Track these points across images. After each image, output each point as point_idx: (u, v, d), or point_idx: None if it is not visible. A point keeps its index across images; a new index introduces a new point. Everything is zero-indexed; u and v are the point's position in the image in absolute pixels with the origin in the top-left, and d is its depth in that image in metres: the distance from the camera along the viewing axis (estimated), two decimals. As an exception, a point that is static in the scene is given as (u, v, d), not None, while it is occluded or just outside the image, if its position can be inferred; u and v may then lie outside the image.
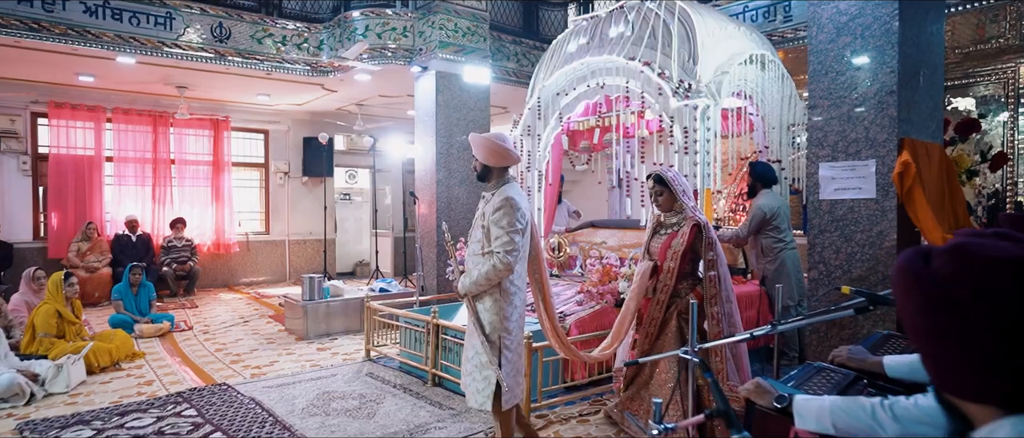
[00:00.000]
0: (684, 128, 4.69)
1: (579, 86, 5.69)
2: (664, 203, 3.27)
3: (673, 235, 3.20)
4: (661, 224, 3.35)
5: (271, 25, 7.26)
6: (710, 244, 3.11)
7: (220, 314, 7.36)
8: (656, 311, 3.26)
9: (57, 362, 4.45)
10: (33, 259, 8.17)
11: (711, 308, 3.10)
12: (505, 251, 2.79)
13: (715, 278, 3.09)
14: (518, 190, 2.98)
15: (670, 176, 3.22)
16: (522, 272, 2.96)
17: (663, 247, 3.20)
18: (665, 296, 3.21)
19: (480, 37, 7.43)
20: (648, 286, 3.27)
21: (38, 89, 8.19)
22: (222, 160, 9.64)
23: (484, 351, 2.88)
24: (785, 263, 4.92)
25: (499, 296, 2.89)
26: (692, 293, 3.15)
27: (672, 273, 3.15)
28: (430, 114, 7.16)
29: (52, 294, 5.05)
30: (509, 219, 2.81)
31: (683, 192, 3.21)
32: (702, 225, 3.10)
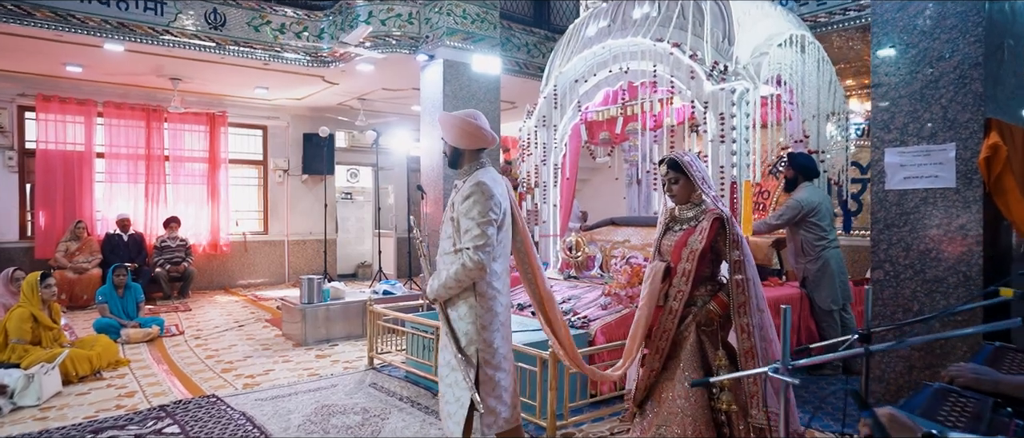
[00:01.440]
0: (720, 114, 4.26)
1: (600, 72, 5.26)
2: (679, 193, 2.72)
3: (689, 231, 2.65)
4: (675, 218, 2.78)
5: (269, 12, 6.85)
6: (736, 241, 2.55)
7: (214, 318, 6.94)
8: (669, 322, 2.66)
9: (28, 372, 4.03)
10: (19, 259, 7.76)
11: (739, 319, 2.52)
12: (475, 246, 2.40)
13: (743, 283, 2.52)
14: (494, 175, 2.58)
15: (686, 160, 2.69)
16: (502, 272, 2.58)
17: (677, 245, 2.65)
18: (679, 304, 2.61)
19: (490, 24, 7.01)
20: (659, 292, 2.72)
21: (25, 81, 7.80)
22: (218, 157, 9.23)
23: (459, 366, 2.47)
24: (828, 263, 4.49)
25: (475, 301, 2.50)
26: (713, 300, 2.61)
27: (688, 277, 2.59)
28: (437, 106, 6.74)
29: (27, 296, 4.63)
30: (481, 208, 2.42)
31: (702, 180, 2.67)
32: (725, 219, 2.56)
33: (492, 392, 2.50)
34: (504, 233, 2.56)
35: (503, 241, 2.56)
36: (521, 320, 4.39)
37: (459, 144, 2.62)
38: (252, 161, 9.97)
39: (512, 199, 2.71)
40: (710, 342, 2.61)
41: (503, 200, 2.54)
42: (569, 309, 4.41)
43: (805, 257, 4.50)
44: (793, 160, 4.57)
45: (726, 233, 2.56)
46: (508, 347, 2.62)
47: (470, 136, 2.58)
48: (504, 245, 2.58)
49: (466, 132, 2.58)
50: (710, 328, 2.60)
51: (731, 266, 2.57)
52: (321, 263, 9.98)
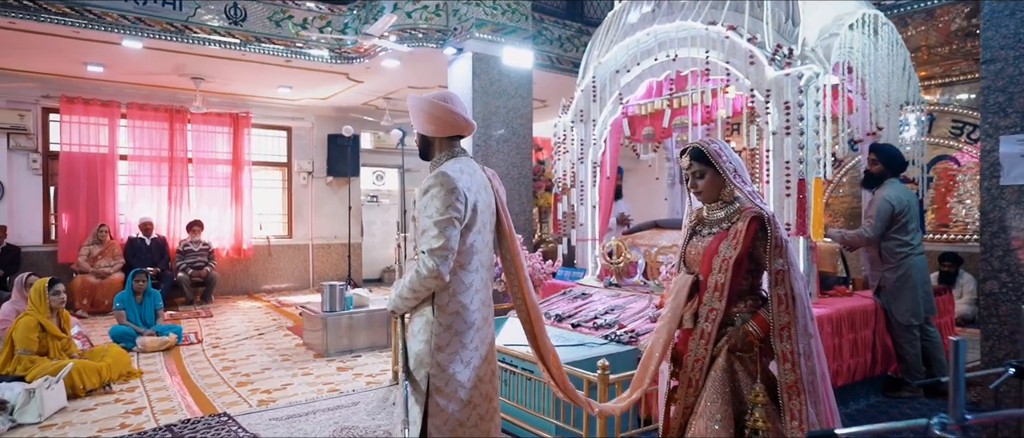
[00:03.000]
0: (784, 104, 3.78)
1: (644, 61, 4.82)
2: (706, 189, 2.23)
3: (721, 235, 2.17)
4: (703, 220, 2.30)
5: (291, 6, 6.56)
6: (779, 247, 2.06)
7: (234, 325, 6.67)
8: (701, 348, 2.16)
9: (30, 386, 3.75)
10: (43, 264, 7.63)
11: (780, 345, 2.05)
12: (429, 250, 1.99)
13: (786, 299, 2.05)
14: (465, 165, 2.15)
15: (714, 148, 2.19)
16: (474, 283, 2.14)
17: (707, 253, 2.19)
18: (713, 326, 2.13)
19: (521, 15, 6.62)
20: (686, 311, 2.24)
21: (49, 82, 7.67)
22: (242, 159, 9.01)
23: (409, 393, 2.09)
24: (910, 272, 3.96)
25: (433, 317, 2.08)
26: (753, 319, 2.12)
27: (722, 291, 2.11)
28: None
29: (34, 304, 4.37)
30: (439, 203, 2.01)
31: (734, 172, 2.16)
32: (766, 218, 2.08)
33: (442, 427, 2.06)
34: (476, 235, 2.13)
35: (474, 244, 2.12)
36: (560, 333, 3.96)
37: (427, 131, 2.21)
38: (276, 163, 9.74)
39: (499, 195, 2.27)
40: (745, 371, 2.13)
41: (473, 194, 2.10)
42: (613, 321, 3.97)
43: (884, 265, 3.99)
44: (880, 152, 4.05)
45: (768, 237, 2.07)
46: (471, 373, 2.13)
47: (439, 121, 2.17)
48: (477, 250, 2.14)
49: (434, 116, 2.17)
50: (747, 353, 2.12)
51: (771, 278, 2.07)
52: (346, 268, 9.70)
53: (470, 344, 2.13)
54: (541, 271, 5.10)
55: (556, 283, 5.16)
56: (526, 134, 6.72)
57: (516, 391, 3.43)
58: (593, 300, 4.51)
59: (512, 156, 6.56)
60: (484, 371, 2.20)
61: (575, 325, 4.03)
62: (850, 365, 3.79)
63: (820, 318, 3.62)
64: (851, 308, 3.87)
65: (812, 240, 3.81)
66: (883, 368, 4.08)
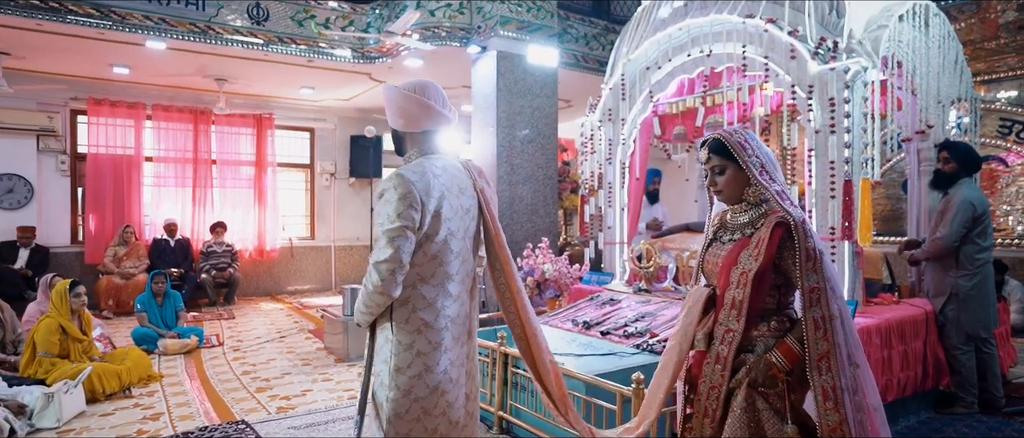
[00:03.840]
0: (829, 100, 3.56)
1: (676, 57, 4.63)
2: (727, 188, 1.90)
3: (742, 243, 1.84)
4: (725, 225, 1.96)
5: (313, 5, 6.50)
6: (812, 259, 1.71)
7: (256, 327, 6.61)
8: (717, 375, 1.84)
9: (49, 390, 3.69)
10: (70, 264, 7.69)
11: (819, 378, 1.70)
12: (375, 262, 1.81)
13: (824, 322, 1.70)
14: (437, 163, 1.95)
15: (737, 140, 1.86)
16: (439, 298, 1.91)
17: (725, 263, 1.85)
18: (729, 350, 1.80)
19: (547, 12, 6.45)
20: (698, 330, 1.92)
21: (76, 84, 7.73)
22: (265, 160, 9.00)
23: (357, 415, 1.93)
24: (986, 279, 3.70)
25: (392, 335, 1.89)
26: (777, 348, 1.78)
27: (739, 309, 1.77)
28: (490, 101, 6.23)
29: (55, 306, 4.34)
30: (390, 210, 1.82)
31: (760, 168, 1.83)
32: (793, 224, 1.74)
33: None
34: (441, 244, 1.90)
35: (439, 255, 1.90)
36: (589, 341, 3.79)
37: (398, 125, 2.02)
38: (299, 165, 9.72)
39: (485, 196, 2.05)
40: (771, 410, 1.78)
41: (436, 198, 1.86)
42: (644, 329, 3.78)
43: (960, 271, 3.71)
44: (955, 150, 3.79)
45: (797, 246, 1.72)
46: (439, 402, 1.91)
47: (408, 114, 1.97)
48: (444, 261, 1.91)
49: (403, 109, 1.97)
50: (772, 389, 1.78)
51: (804, 297, 1.73)
52: (368, 270, 9.63)
53: (437, 366, 1.90)
54: (567, 276, 4.93)
55: (583, 288, 4.98)
56: (551, 134, 6.56)
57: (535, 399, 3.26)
58: (622, 306, 4.33)
59: (537, 157, 6.40)
60: (455, 396, 1.97)
61: (604, 333, 3.85)
62: (900, 379, 3.55)
63: (867, 328, 3.39)
64: (901, 318, 3.62)
65: (858, 245, 3.58)
66: (934, 382, 3.82)
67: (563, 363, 3.29)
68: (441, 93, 2.03)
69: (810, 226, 1.77)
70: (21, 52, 6.52)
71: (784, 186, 1.84)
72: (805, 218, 1.77)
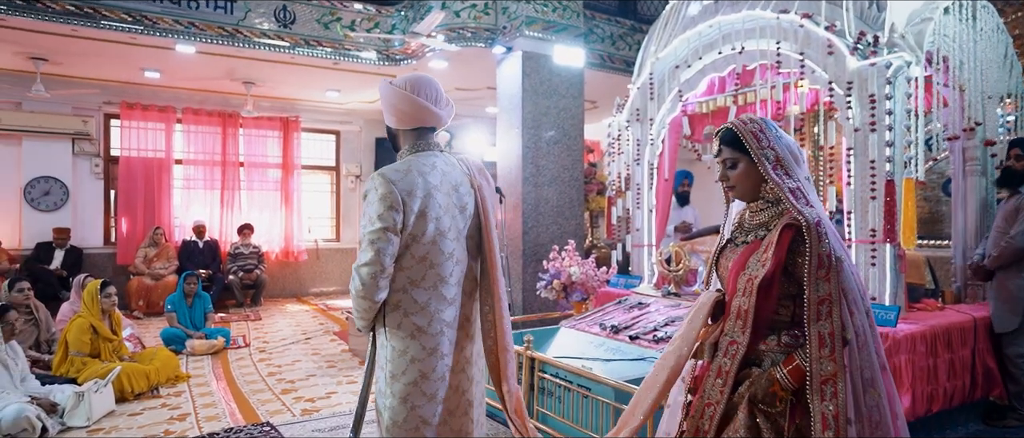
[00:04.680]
0: (869, 97, 3.41)
1: (706, 55, 4.51)
2: (740, 183, 1.71)
3: (753, 246, 1.67)
4: (742, 225, 1.78)
5: (339, 8, 6.52)
6: (824, 266, 1.52)
7: (282, 329, 6.65)
8: (715, 391, 1.67)
9: (79, 389, 3.73)
10: (103, 265, 7.84)
11: (821, 404, 1.50)
12: (356, 266, 1.76)
13: (832, 339, 1.51)
14: (428, 161, 1.87)
15: (750, 130, 1.66)
16: (433, 301, 1.82)
17: (733, 268, 1.69)
18: (732, 364, 1.63)
19: (573, 12, 6.38)
20: (705, 338, 1.76)
21: (110, 89, 7.88)
22: (292, 162, 9.07)
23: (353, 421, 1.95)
24: None
25: (386, 340, 1.83)
26: (783, 363, 1.59)
27: (745, 320, 1.60)
28: (515, 102, 6.16)
29: (87, 306, 4.39)
30: (371, 212, 1.75)
31: (775, 162, 1.64)
32: (806, 225, 1.54)
33: None
34: (430, 245, 1.81)
35: (428, 257, 1.81)
36: (617, 346, 3.69)
37: (390, 122, 1.96)
38: (325, 167, 9.78)
39: (482, 194, 1.95)
40: (774, 431, 1.59)
41: (420, 198, 1.77)
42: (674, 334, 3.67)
43: None
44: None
45: (810, 251, 1.52)
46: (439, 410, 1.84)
47: (399, 111, 1.90)
48: (435, 262, 1.82)
49: (394, 106, 1.90)
50: (773, 409, 1.59)
51: (810, 308, 1.53)
52: (393, 272, 9.64)
53: (433, 373, 1.81)
54: (594, 279, 4.83)
55: (610, 291, 4.88)
56: (577, 135, 6.47)
57: (571, 409, 3.18)
58: (651, 310, 4.22)
59: (563, 158, 6.32)
60: (456, 404, 1.89)
61: (633, 337, 3.75)
62: (946, 389, 3.38)
63: (912, 336, 3.24)
64: (947, 325, 3.45)
65: (901, 248, 3.43)
66: (984, 393, 3.64)
67: (591, 368, 3.21)
68: (436, 90, 1.94)
69: (828, 228, 1.56)
70: (58, 58, 6.67)
71: (802, 183, 1.64)
72: (821, 218, 1.56)
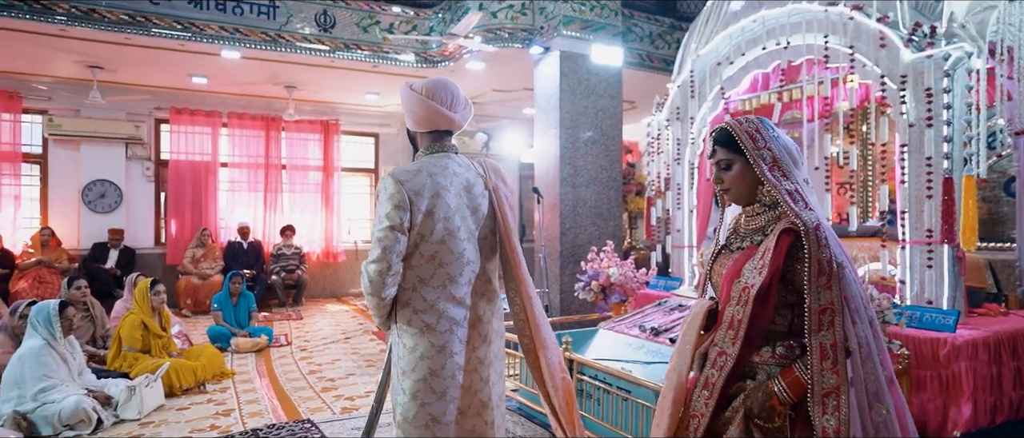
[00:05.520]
0: (925, 90, 3.26)
1: (749, 51, 4.40)
2: (736, 186, 1.63)
3: (749, 252, 1.58)
4: (738, 231, 1.71)
5: (378, 11, 6.61)
6: (824, 273, 1.43)
7: (322, 328, 6.76)
8: (700, 404, 1.60)
9: (131, 384, 3.86)
10: (153, 265, 8.12)
11: (823, 418, 1.41)
12: (365, 264, 1.82)
13: (834, 350, 1.42)
14: (439, 162, 1.89)
15: (745, 131, 1.58)
16: (442, 300, 1.84)
17: (727, 276, 1.61)
18: (720, 377, 1.55)
19: (611, 11, 6.31)
20: (698, 348, 1.68)
21: (160, 95, 8.18)
22: (332, 165, 9.24)
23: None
24: None
25: (399, 337, 1.88)
26: (782, 375, 1.50)
27: (737, 331, 1.51)
28: (553, 102, 6.13)
29: (138, 303, 4.55)
30: (380, 211, 1.81)
31: (772, 164, 1.55)
32: (805, 230, 1.45)
33: None
34: (438, 244, 1.83)
35: (437, 255, 1.83)
36: (657, 349, 3.62)
37: (410, 124, 1.99)
38: (364, 169, 9.93)
39: (498, 196, 1.96)
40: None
41: (428, 197, 1.80)
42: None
43: None
44: None
45: (809, 256, 1.43)
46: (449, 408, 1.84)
47: (415, 115, 1.93)
48: (444, 262, 1.84)
49: (410, 109, 1.94)
50: (770, 424, 1.50)
51: (811, 318, 1.43)
52: (430, 273, 9.71)
53: (442, 371, 1.83)
54: (633, 280, 4.76)
55: (649, 294, 4.80)
56: (616, 135, 6.39)
57: (610, 411, 3.13)
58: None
59: (601, 159, 6.25)
60: (467, 403, 1.90)
61: (673, 340, 3.67)
62: (1012, 399, 3.19)
63: (973, 342, 3.07)
64: (1012, 331, 3.27)
65: (960, 249, 3.26)
66: None
67: (630, 370, 3.15)
68: (451, 94, 1.95)
69: (828, 232, 1.47)
70: (112, 66, 6.95)
71: (801, 185, 1.55)
72: (821, 222, 1.47)
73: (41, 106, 7.69)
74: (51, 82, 7.53)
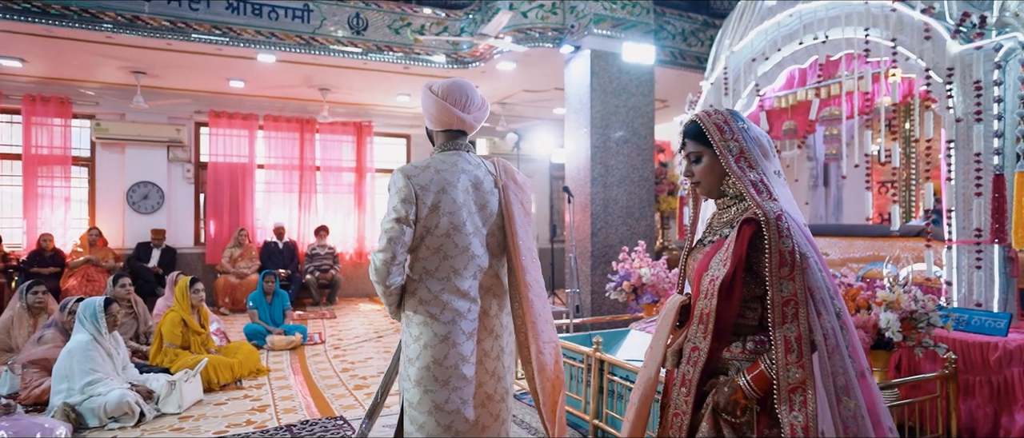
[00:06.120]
0: (974, 83, 3.13)
1: (785, 46, 4.30)
2: (705, 178, 1.61)
3: (718, 245, 1.56)
4: (711, 226, 1.68)
5: (409, 13, 6.67)
6: (786, 264, 1.40)
7: (355, 327, 6.85)
8: (681, 401, 1.58)
9: (171, 378, 3.97)
10: (193, 264, 8.35)
11: (790, 415, 1.38)
12: (372, 253, 1.92)
13: (798, 343, 1.39)
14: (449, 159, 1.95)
15: (714, 123, 1.56)
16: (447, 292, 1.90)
17: (697, 270, 1.59)
18: (695, 372, 1.53)
19: (642, 9, 6.24)
20: (672, 344, 1.66)
21: (199, 98, 8.41)
22: (365, 166, 9.37)
23: None
24: None
25: (405, 326, 1.98)
26: (748, 370, 1.47)
27: (706, 323, 1.50)
28: (583, 102, 6.09)
29: (178, 301, 4.68)
30: (388, 206, 1.91)
31: (739, 155, 1.52)
32: (765, 220, 1.41)
33: None
34: (444, 238, 1.89)
35: (442, 249, 1.90)
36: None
37: (428, 123, 2.06)
38: (396, 170, 10.03)
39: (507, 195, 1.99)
40: None
41: (434, 192, 1.87)
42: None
43: None
44: None
45: (769, 247, 1.40)
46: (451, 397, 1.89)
47: (429, 115, 2.01)
48: (449, 255, 1.90)
49: (426, 109, 2.01)
50: (739, 419, 1.48)
51: (774, 311, 1.40)
52: (461, 273, 9.75)
53: (445, 361, 1.89)
54: (665, 281, 4.68)
55: (682, 294, 4.71)
56: (647, 134, 6.32)
57: (642, 413, 3.08)
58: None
59: (633, 158, 6.19)
60: (470, 393, 1.94)
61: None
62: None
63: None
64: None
65: (1011, 249, 3.12)
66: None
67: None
68: (466, 96, 2.00)
69: (792, 222, 1.43)
70: (155, 71, 7.18)
71: (768, 176, 1.52)
72: (784, 213, 1.43)
73: (89, 111, 8.00)
74: (98, 88, 7.82)
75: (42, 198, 7.67)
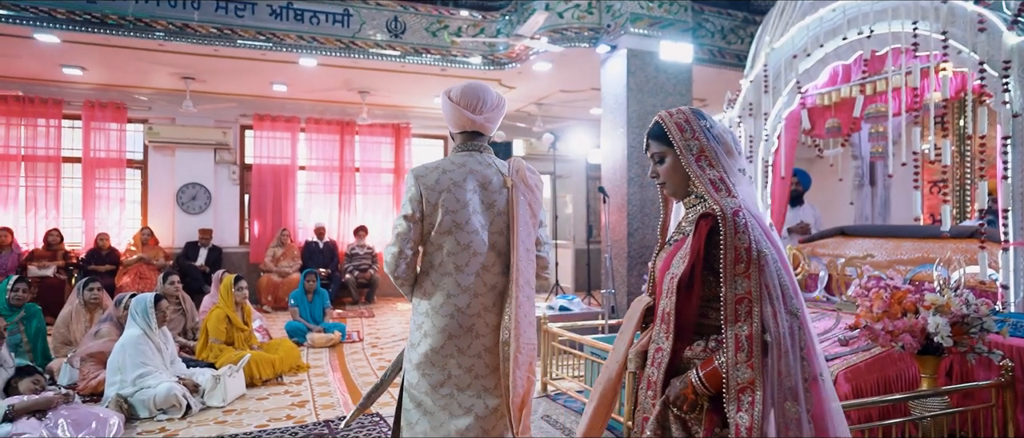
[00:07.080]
0: (1032, 77, 2.98)
1: (828, 42, 4.18)
2: (669, 179, 1.59)
3: (680, 243, 1.56)
4: (679, 226, 1.65)
5: (446, 16, 6.74)
6: (741, 261, 1.38)
7: (392, 326, 6.96)
8: (648, 403, 1.56)
9: (216, 373, 4.11)
10: (238, 263, 8.62)
11: (737, 414, 1.34)
12: (386, 246, 2.05)
13: (747, 342, 1.35)
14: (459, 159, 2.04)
15: (675, 122, 1.54)
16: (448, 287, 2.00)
17: (661, 269, 1.59)
18: (660, 374, 1.50)
19: (680, 7, 6.15)
20: (636, 346, 1.65)
21: (244, 102, 8.68)
22: (403, 167, 9.50)
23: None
24: None
25: (413, 312, 2.12)
26: (702, 366, 1.45)
27: (668, 324, 1.49)
28: (620, 102, 6.04)
29: (223, 298, 4.84)
30: (402, 202, 2.04)
31: (699, 154, 1.50)
32: (721, 215, 1.40)
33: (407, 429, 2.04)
34: (446, 236, 1.99)
35: (445, 245, 1.99)
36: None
37: (448, 125, 2.16)
38: (433, 171, 10.13)
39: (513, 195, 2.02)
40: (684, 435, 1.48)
41: (439, 191, 1.96)
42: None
43: None
44: None
45: (725, 243, 1.38)
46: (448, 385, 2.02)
47: (447, 116, 2.11)
48: (452, 252, 1.99)
49: (445, 112, 2.11)
50: (690, 414, 1.46)
51: (727, 308, 1.38)
52: (497, 274, 9.78)
53: (442, 350, 2.00)
54: (703, 282, 4.60)
55: (720, 296, 4.63)
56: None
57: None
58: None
59: (668, 158, 6.10)
60: (467, 383, 2.03)
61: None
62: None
63: (1088, 354, 2.77)
64: None
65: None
66: None
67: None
68: (479, 98, 2.06)
69: (750, 219, 1.39)
70: (202, 76, 7.45)
71: (729, 173, 1.49)
72: (741, 208, 1.40)
73: (142, 116, 8.35)
74: (151, 93, 8.17)
75: (99, 199, 8.05)
